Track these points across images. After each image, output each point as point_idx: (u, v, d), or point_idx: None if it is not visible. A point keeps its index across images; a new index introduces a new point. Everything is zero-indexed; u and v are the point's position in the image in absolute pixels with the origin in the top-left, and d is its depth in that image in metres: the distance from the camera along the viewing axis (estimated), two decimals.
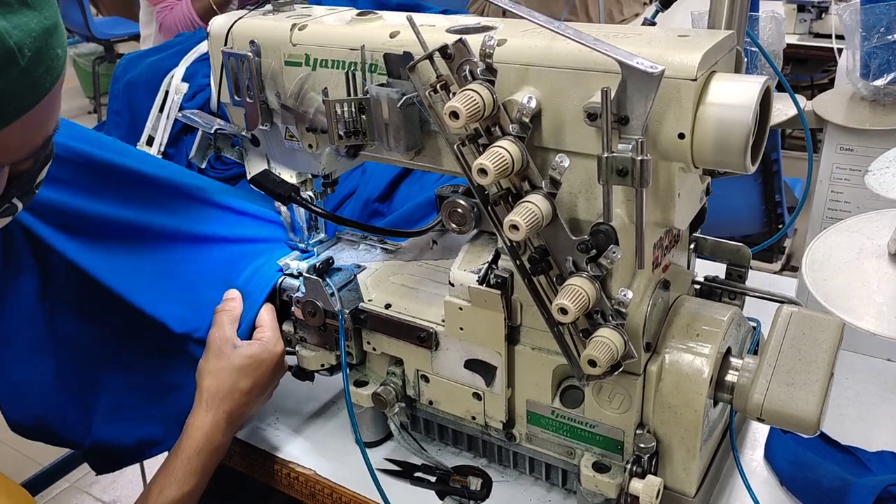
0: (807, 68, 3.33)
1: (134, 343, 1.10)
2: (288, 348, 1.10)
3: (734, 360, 0.88)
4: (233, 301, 1.05)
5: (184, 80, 1.67)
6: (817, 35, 3.02)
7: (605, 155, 0.71)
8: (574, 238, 0.77)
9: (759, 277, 1.39)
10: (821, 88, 3.33)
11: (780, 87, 1.11)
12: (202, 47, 1.73)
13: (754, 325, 1.02)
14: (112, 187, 1.04)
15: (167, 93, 1.66)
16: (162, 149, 1.66)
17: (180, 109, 1.62)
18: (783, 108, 1.21)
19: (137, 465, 2.02)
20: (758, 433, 1.07)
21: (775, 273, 2.41)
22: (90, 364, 1.09)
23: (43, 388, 1.06)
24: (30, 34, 0.62)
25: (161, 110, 1.65)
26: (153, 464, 2.43)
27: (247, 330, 1.04)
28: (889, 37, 1.09)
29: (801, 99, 1.21)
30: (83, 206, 1.01)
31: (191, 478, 0.93)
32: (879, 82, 1.12)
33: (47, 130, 0.69)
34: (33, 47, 0.62)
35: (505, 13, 0.79)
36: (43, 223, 1.00)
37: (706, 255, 1.04)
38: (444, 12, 1.72)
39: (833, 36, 2.36)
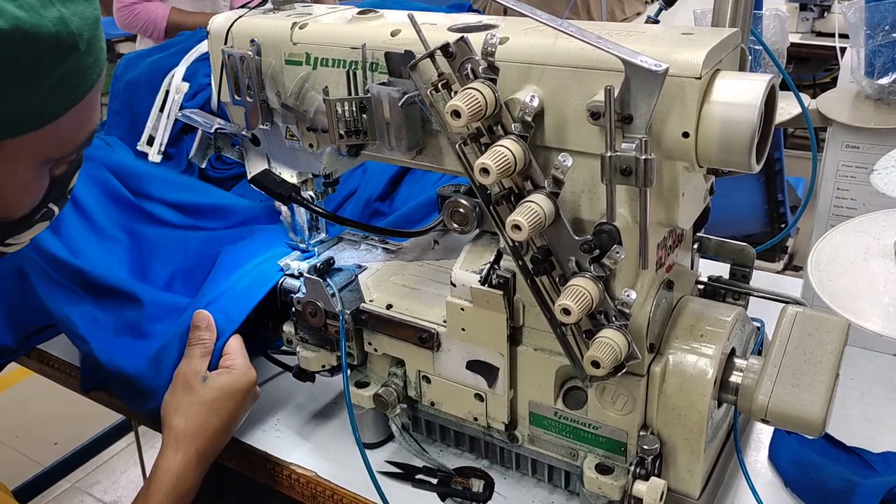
0: (809, 67, 3.32)
1: None
2: (288, 349, 1.09)
3: (738, 361, 0.87)
4: (205, 331, 0.99)
5: (184, 79, 1.66)
6: (819, 34, 3.01)
7: (609, 154, 0.70)
8: (577, 238, 0.76)
9: (762, 277, 1.39)
10: (823, 87, 3.32)
11: (784, 86, 1.10)
12: (203, 46, 1.72)
13: (758, 325, 1.01)
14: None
15: (168, 92, 1.65)
16: (162, 148, 1.65)
17: (181, 109, 1.61)
18: (786, 107, 1.20)
19: (139, 467, 2.02)
20: (762, 434, 1.07)
21: (778, 273, 2.40)
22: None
23: None
24: (86, 22, 0.64)
25: (161, 110, 1.65)
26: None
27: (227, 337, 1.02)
28: (894, 34, 1.08)
29: (804, 98, 1.20)
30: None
31: None
32: (884, 80, 1.11)
33: (92, 125, 0.71)
34: (87, 35, 0.64)
35: (507, 11, 0.78)
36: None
37: (710, 255, 1.03)
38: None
39: (836, 35, 2.35)
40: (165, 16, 2.55)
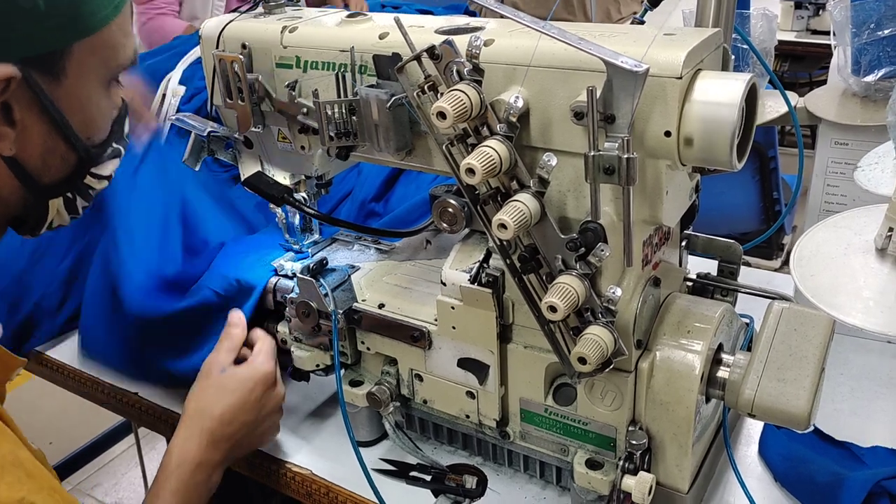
0: (805, 65, 3.33)
1: None
2: (284, 348, 1.10)
3: (725, 357, 0.88)
4: (236, 328, 1.04)
5: (181, 82, 1.68)
6: (815, 32, 3.02)
7: (592, 153, 0.72)
8: (563, 236, 0.78)
9: (759, 275, 1.40)
10: (819, 85, 3.32)
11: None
12: (198, 50, 1.74)
13: (747, 321, 1.02)
14: None
15: (164, 96, 1.66)
16: None
17: (177, 112, 1.62)
18: (775, 105, 1.22)
19: (139, 469, 2.03)
20: (752, 429, 1.08)
21: (776, 270, 2.41)
22: None
23: None
24: None
25: (158, 113, 1.66)
26: (154, 466, 2.43)
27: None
28: (879, 33, 1.09)
29: (793, 96, 1.21)
30: None
31: (171, 497, 0.90)
32: (870, 78, 1.12)
33: (132, 41, 0.83)
34: None
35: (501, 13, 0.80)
36: None
37: (699, 252, 1.04)
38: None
39: (831, 32, 2.37)
40: (181, 31, 2.54)
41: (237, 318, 1.04)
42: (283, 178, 1.08)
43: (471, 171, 0.74)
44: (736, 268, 1.01)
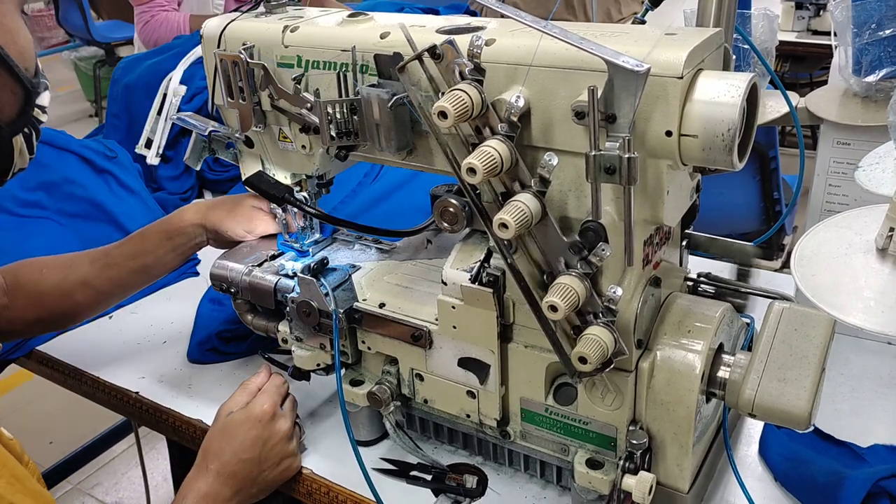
0: (805, 65, 3.32)
1: None
2: (285, 347, 1.11)
3: (726, 357, 0.88)
4: (257, 376, 1.08)
5: (182, 82, 1.67)
6: (815, 32, 3.02)
7: (593, 153, 0.72)
8: (564, 236, 0.78)
9: (760, 275, 1.39)
10: (819, 86, 3.32)
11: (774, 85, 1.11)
12: (199, 50, 1.74)
13: (748, 321, 1.02)
14: None
15: (165, 95, 1.66)
16: (160, 151, 1.66)
17: (178, 112, 1.62)
18: (776, 105, 1.22)
19: (139, 468, 2.03)
20: (753, 429, 1.08)
21: (776, 270, 2.40)
22: None
23: None
24: None
25: (159, 113, 1.66)
26: (155, 465, 2.43)
27: None
28: (880, 33, 1.09)
29: (794, 96, 1.21)
30: None
31: None
32: (871, 78, 1.12)
33: None
34: None
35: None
36: None
37: (700, 252, 1.04)
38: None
39: (832, 33, 2.36)
40: (186, 23, 2.58)
41: (263, 368, 1.10)
42: (283, 177, 1.08)
43: (472, 170, 0.74)
44: (749, 269, 1.01)
